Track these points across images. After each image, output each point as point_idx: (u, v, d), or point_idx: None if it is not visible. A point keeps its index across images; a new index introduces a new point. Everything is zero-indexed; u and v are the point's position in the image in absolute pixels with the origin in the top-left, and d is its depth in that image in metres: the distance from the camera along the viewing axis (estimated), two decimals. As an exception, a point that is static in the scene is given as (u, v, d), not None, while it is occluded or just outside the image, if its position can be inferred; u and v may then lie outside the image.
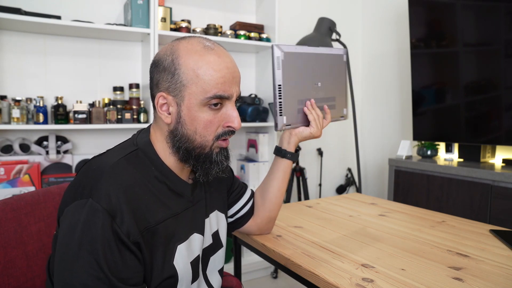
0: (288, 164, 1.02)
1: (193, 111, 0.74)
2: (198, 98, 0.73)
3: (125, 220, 0.65)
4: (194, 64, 0.73)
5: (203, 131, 0.75)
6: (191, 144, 0.76)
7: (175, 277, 0.74)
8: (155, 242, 0.71)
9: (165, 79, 0.74)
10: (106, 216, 0.64)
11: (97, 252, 0.62)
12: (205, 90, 0.73)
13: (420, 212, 1.39)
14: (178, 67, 0.73)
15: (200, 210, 0.84)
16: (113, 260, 0.63)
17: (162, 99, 0.75)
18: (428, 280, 0.81)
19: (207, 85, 0.73)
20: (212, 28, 2.29)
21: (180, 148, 0.76)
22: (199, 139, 0.75)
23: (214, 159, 0.78)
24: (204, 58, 0.73)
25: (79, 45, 2.10)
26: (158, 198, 0.74)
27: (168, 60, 0.74)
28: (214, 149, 0.78)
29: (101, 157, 0.74)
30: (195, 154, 0.76)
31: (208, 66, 0.73)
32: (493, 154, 2.20)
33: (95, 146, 2.15)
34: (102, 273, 0.62)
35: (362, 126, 3.12)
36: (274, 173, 1.03)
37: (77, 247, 0.63)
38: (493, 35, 2.00)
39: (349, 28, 3.05)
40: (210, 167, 0.78)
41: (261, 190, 1.05)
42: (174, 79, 0.73)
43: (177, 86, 0.73)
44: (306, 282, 0.90)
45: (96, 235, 0.63)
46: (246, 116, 2.38)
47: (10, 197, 0.92)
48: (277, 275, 2.50)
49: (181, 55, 0.74)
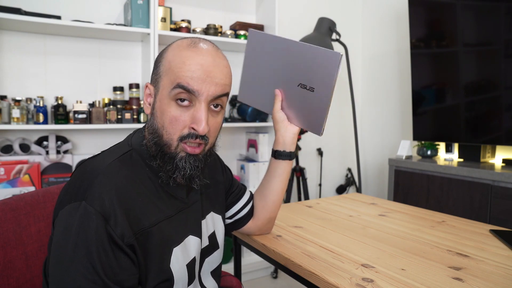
0: (288, 165, 0.99)
1: (163, 104, 0.73)
2: (167, 90, 0.72)
3: (119, 222, 0.65)
4: (172, 57, 0.74)
5: (168, 127, 0.72)
6: (159, 139, 0.73)
7: (171, 280, 0.74)
8: (150, 245, 0.70)
9: (153, 71, 0.78)
10: (100, 219, 0.63)
11: (92, 255, 0.62)
12: (171, 82, 0.72)
13: (420, 212, 1.39)
14: (161, 59, 0.76)
15: (196, 212, 0.83)
16: (108, 263, 0.63)
17: (148, 90, 0.77)
18: (428, 280, 0.81)
19: (174, 76, 0.71)
20: (212, 28, 2.29)
21: (150, 141, 0.75)
22: (165, 135, 0.73)
23: (177, 162, 0.73)
24: (182, 53, 0.73)
25: (79, 45, 2.10)
26: (152, 200, 0.73)
27: (159, 54, 0.78)
28: (179, 152, 0.73)
29: (95, 159, 0.74)
30: (162, 152, 0.73)
31: (180, 60, 0.72)
32: (493, 154, 2.20)
33: (95, 146, 2.15)
34: (97, 276, 0.62)
35: (362, 126, 3.12)
36: (276, 176, 0.99)
37: (71, 250, 0.62)
38: (493, 35, 2.00)
39: (349, 28, 3.05)
40: (171, 170, 0.73)
41: (261, 191, 1.03)
42: (156, 70, 0.76)
43: (157, 77, 0.76)
44: (306, 282, 0.90)
45: (90, 238, 0.62)
46: (246, 116, 2.38)
47: (10, 197, 0.92)
48: (277, 275, 2.50)
49: (169, 50, 0.76)
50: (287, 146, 0.97)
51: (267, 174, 1.02)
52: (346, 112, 3.07)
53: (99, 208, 0.64)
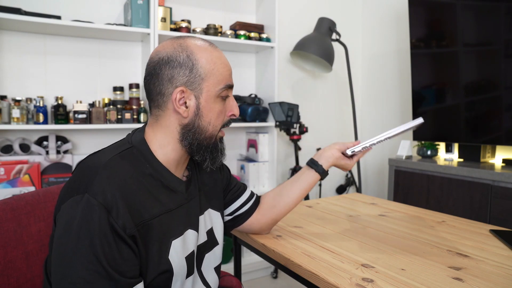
0: (316, 178, 1.05)
1: (209, 103, 0.79)
2: (214, 89, 0.79)
3: (121, 214, 0.66)
4: (209, 58, 0.79)
5: (216, 121, 0.81)
6: (202, 135, 0.80)
7: (170, 271, 0.75)
8: (150, 237, 0.72)
9: (182, 73, 0.77)
10: (103, 210, 0.65)
11: (95, 246, 0.63)
12: (219, 81, 0.80)
13: (420, 212, 1.39)
14: (195, 62, 0.78)
15: (194, 207, 0.86)
16: (111, 254, 0.64)
17: (181, 94, 0.77)
18: (428, 280, 0.81)
19: (221, 77, 0.80)
20: (212, 28, 2.29)
21: (193, 140, 0.80)
22: (211, 129, 0.81)
23: (220, 147, 0.85)
24: (214, 54, 0.80)
25: (79, 45, 2.11)
26: (153, 194, 0.75)
27: (182, 56, 0.77)
28: (218, 138, 0.84)
29: (96, 155, 0.75)
30: (206, 144, 0.82)
31: (219, 61, 0.80)
32: (493, 154, 2.20)
33: (95, 146, 2.15)
34: (100, 267, 0.63)
35: (362, 126, 3.12)
36: (300, 182, 1.05)
37: (74, 242, 0.63)
38: (493, 35, 2.00)
39: (349, 28, 3.05)
40: (217, 156, 0.84)
41: (279, 190, 1.06)
42: (193, 73, 0.77)
43: (196, 79, 0.78)
44: (306, 282, 0.90)
45: (94, 229, 0.64)
46: (246, 116, 2.38)
47: (10, 197, 0.92)
48: (277, 275, 2.50)
49: (195, 52, 0.78)
50: (322, 160, 1.05)
51: (292, 177, 1.08)
52: (346, 112, 3.07)
53: (101, 200, 0.65)
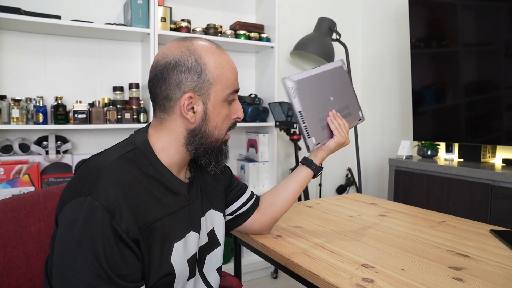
0: (309, 174, 1.06)
1: (217, 107, 0.79)
2: (222, 94, 0.79)
3: (124, 217, 0.66)
4: (218, 63, 0.78)
5: (222, 125, 0.81)
6: (209, 139, 0.80)
7: (173, 274, 0.75)
8: (152, 240, 0.72)
9: (191, 79, 0.76)
10: (105, 213, 0.64)
11: (97, 249, 0.63)
12: (227, 87, 0.79)
13: (420, 212, 1.39)
14: (204, 67, 0.76)
15: (196, 209, 0.85)
16: (113, 257, 0.64)
17: (189, 100, 0.76)
18: (428, 280, 0.81)
19: (228, 82, 0.79)
20: (212, 28, 2.29)
21: (200, 145, 0.80)
22: (217, 133, 0.81)
23: (225, 150, 0.85)
24: (222, 57, 0.79)
25: (79, 45, 2.10)
26: (155, 196, 0.75)
27: (191, 61, 0.76)
28: (223, 141, 0.84)
29: (99, 156, 0.75)
30: (212, 148, 0.82)
31: (227, 65, 0.79)
32: (493, 154, 2.20)
33: (95, 146, 2.15)
34: (102, 270, 0.63)
35: (362, 126, 3.12)
36: (293, 178, 1.07)
37: (76, 244, 0.63)
38: (493, 35, 2.00)
39: (349, 28, 3.05)
40: (222, 158, 0.85)
41: (276, 189, 1.08)
42: (201, 78, 0.76)
43: (204, 85, 0.77)
44: (306, 282, 0.90)
45: (96, 232, 0.63)
46: (246, 116, 2.38)
47: (10, 197, 0.92)
48: (277, 275, 2.50)
49: (203, 55, 0.77)
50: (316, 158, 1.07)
51: (289, 176, 1.10)
52: (346, 112, 3.06)
53: (104, 203, 0.65)
